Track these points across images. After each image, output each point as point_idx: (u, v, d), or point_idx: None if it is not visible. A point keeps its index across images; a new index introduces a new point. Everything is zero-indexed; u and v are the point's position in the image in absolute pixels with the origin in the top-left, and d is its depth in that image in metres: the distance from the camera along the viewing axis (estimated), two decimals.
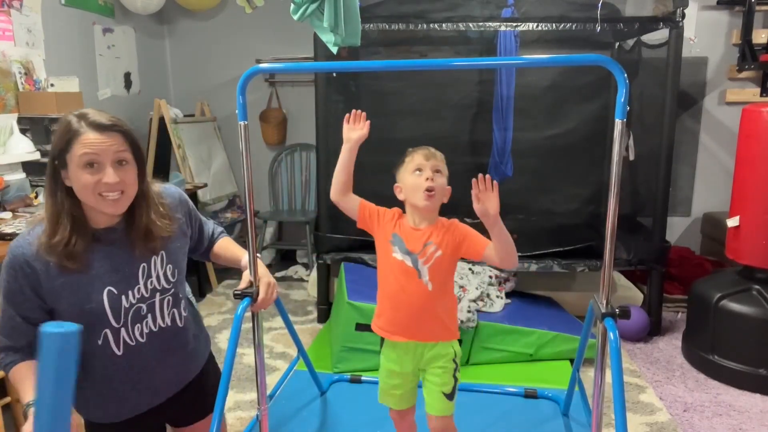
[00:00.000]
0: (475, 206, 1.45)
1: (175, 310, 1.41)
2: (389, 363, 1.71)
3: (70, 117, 1.23)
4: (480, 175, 1.45)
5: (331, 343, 2.94)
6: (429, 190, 1.55)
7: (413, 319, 1.62)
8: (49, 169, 1.25)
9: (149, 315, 1.35)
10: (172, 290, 1.39)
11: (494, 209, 1.45)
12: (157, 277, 1.36)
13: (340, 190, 1.64)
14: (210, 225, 1.62)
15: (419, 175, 1.58)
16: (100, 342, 1.30)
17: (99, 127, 1.21)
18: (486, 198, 1.44)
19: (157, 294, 1.36)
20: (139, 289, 1.33)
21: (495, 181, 1.45)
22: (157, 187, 1.42)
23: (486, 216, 1.46)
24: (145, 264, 1.34)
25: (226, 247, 1.62)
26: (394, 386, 1.72)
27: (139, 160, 1.29)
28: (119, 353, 1.32)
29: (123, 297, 1.30)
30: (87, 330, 1.25)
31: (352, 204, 1.66)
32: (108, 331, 1.30)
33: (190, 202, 1.52)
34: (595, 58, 1.39)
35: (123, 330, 1.31)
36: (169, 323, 1.40)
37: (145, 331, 1.35)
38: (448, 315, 1.67)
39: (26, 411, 1.18)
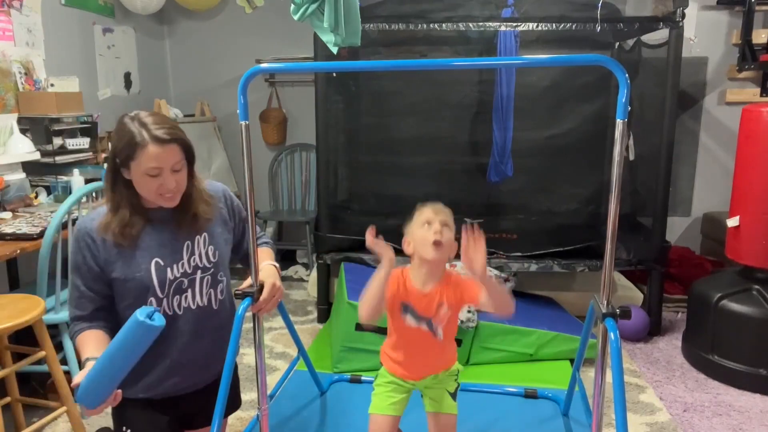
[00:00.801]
0: (463, 258, 1.45)
1: (212, 291, 1.54)
2: (396, 379, 1.72)
3: (133, 127, 1.37)
4: (467, 224, 1.46)
5: (331, 343, 2.94)
6: (437, 243, 1.55)
7: (427, 366, 1.68)
8: (110, 165, 1.42)
9: (189, 290, 1.50)
10: (212, 270, 1.53)
11: (480, 265, 1.43)
12: (200, 255, 1.51)
13: (376, 312, 1.56)
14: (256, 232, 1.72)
15: (428, 228, 1.57)
16: None
17: (161, 141, 1.36)
18: (474, 251, 1.43)
19: (199, 271, 1.51)
20: (182, 264, 1.48)
21: (482, 231, 1.43)
22: (203, 183, 1.57)
23: (472, 272, 1.46)
24: (189, 242, 1.50)
25: (262, 266, 1.68)
26: (393, 390, 1.72)
27: (190, 161, 1.46)
28: None
29: (168, 269, 1.46)
30: (136, 299, 1.45)
31: (379, 309, 1.60)
32: (153, 300, 1.45)
33: (236, 200, 1.66)
34: (595, 58, 1.39)
35: (165, 301, 1.47)
36: (205, 303, 1.53)
37: (183, 305, 1.49)
38: (452, 346, 1.75)
39: (84, 364, 1.35)
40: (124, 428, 1.51)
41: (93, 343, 1.40)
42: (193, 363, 1.53)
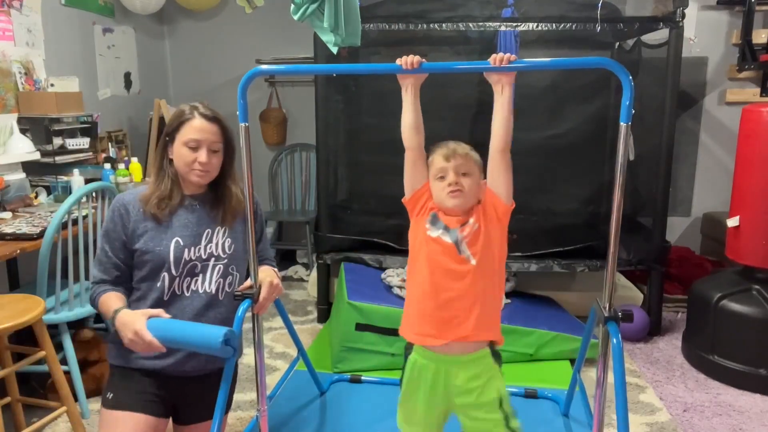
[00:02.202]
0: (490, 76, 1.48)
1: (221, 281, 1.64)
2: (419, 358, 1.52)
3: (184, 106, 1.61)
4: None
5: (331, 343, 2.94)
6: (453, 192, 1.47)
7: (457, 318, 1.46)
8: (161, 144, 1.63)
9: (201, 275, 1.61)
10: (225, 261, 1.65)
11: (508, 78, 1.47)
12: (216, 245, 1.64)
13: (411, 127, 1.52)
14: (267, 251, 1.84)
15: (442, 180, 1.50)
16: (158, 284, 1.59)
17: (205, 117, 1.57)
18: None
19: (212, 259, 1.63)
20: (199, 248, 1.62)
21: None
22: (240, 185, 1.70)
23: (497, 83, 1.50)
24: (209, 230, 1.64)
25: (261, 269, 1.74)
26: (420, 390, 1.53)
27: (228, 150, 1.63)
28: (166, 299, 1.59)
29: (186, 250, 1.60)
30: (151, 271, 1.58)
31: (420, 167, 1.53)
32: (166, 275, 1.58)
33: (261, 208, 1.78)
34: (600, 61, 1.39)
35: (177, 280, 1.59)
36: (212, 291, 1.62)
37: (192, 288, 1.61)
38: (495, 300, 1.53)
39: (114, 316, 1.50)
40: (108, 394, 1.61)
41: (120, 300, 1.55)
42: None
